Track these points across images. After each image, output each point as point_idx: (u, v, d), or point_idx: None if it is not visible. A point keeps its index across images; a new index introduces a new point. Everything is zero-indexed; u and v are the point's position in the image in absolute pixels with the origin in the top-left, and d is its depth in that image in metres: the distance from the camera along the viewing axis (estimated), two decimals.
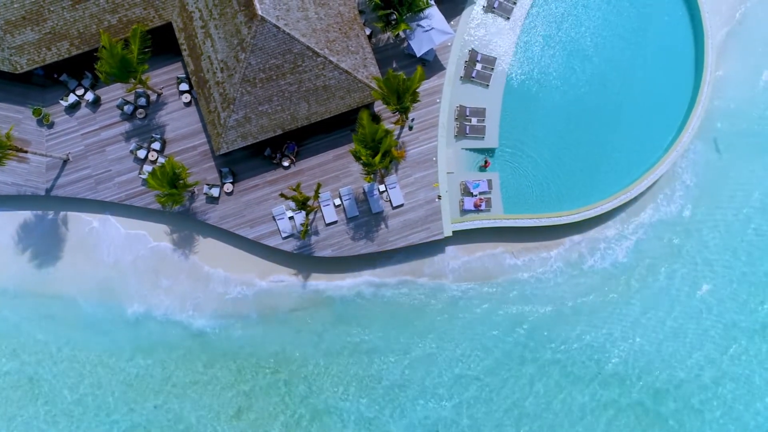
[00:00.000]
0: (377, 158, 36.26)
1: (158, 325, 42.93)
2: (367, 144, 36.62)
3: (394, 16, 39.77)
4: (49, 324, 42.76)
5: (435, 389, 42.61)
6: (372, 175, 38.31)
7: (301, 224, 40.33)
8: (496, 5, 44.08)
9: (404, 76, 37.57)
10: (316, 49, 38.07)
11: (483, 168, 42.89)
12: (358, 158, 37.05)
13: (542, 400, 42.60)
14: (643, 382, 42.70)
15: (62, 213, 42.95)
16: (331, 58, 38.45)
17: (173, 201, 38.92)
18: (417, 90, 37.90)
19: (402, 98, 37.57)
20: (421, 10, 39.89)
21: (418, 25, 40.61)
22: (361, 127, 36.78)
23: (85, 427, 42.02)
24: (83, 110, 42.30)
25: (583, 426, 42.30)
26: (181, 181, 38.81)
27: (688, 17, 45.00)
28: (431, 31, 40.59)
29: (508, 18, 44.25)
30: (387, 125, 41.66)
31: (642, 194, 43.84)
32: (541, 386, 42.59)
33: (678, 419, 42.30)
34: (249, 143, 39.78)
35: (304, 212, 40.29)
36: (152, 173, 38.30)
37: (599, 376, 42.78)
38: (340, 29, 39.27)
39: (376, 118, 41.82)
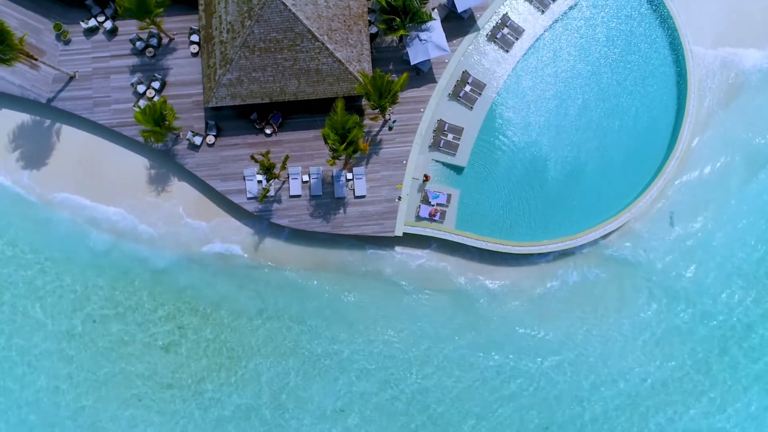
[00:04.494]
0: (342, 145, 38.90)
1: (119, 249, 45.79)
2: (337, 130, 39.28)
3: (396, 21, 42.31)
4: (21, 223, 45.79)
5: (357, 365, 45.16)
6: (336, 161, 40.90)
7: (263, 188, 43.07)
8: (499, 36, 46.40)
9: (390, 78, 40.22)
10: (316, 33, 40.79)
11: (424, 181, 45.17)
12: (326, 141, 39.73)
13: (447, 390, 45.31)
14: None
15: (57, 124, 46.04)
16: (329, 46, 41.15)
17: (155, 138, 42.01)
18: (397, 93, 40.47)
19: (383, 97, 40.18)
20: (423, 22, 42.37)
21: (418, 36, 43.14)
22: (334, 114, 39.45)
23: (24, 324, 45.26)
24: (99, 36, 45.50)
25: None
26: (166, 122, 41.82)
27: (676, 93, 47.08)
28: (428, 44, 43.06)
29: (507, 51, 46.53)
30: (366, 120, 44.28)
31: (587, 245, 45.91)
32: (451, 382, 45.25)
33: None
34: (236, 104, 42.64)
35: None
36: (142, 109, 41.35)
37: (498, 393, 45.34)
38: (344, 21, 41.94)
39: (359, 112, 44.48)
